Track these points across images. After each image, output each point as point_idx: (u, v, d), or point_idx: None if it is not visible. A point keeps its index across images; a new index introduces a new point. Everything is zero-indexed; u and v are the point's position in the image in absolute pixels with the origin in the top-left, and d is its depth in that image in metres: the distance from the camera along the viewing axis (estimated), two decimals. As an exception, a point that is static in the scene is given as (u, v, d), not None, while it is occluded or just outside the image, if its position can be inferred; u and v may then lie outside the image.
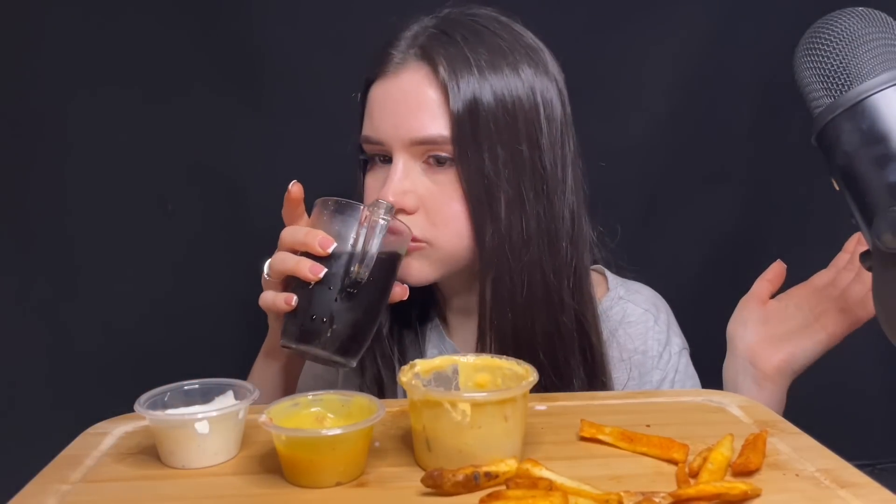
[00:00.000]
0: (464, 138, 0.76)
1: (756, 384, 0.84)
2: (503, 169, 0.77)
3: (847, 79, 0.58)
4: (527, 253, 0.78)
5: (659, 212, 1.24)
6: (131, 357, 1.14)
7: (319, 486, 0.53)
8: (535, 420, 0.64)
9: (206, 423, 0.56)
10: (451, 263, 0.81)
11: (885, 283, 0.59)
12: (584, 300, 0.83)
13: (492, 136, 0.77)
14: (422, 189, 0.79)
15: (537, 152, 0.79)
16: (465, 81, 0.77)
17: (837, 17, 0.60)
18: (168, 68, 1.12)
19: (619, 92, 1.19)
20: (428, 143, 0.78)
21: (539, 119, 0.79)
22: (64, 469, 0.56)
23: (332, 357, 0.68)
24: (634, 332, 0.89)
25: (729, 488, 0.50)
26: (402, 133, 0.78)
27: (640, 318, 0.89)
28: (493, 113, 0.77)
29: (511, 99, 0.78)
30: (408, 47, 0.80)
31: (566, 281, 0.81)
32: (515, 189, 0.78)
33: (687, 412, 0.68)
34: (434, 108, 0.77)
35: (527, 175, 0.78)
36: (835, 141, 0.59)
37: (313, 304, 0.67)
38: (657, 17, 1.19)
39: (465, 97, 0.76)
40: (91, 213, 1.13)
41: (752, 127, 1.22)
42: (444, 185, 0.78)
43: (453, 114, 0.76)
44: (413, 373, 0.60)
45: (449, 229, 0.79)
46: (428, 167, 0.79)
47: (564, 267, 0.80)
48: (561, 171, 0.81)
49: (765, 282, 0.88)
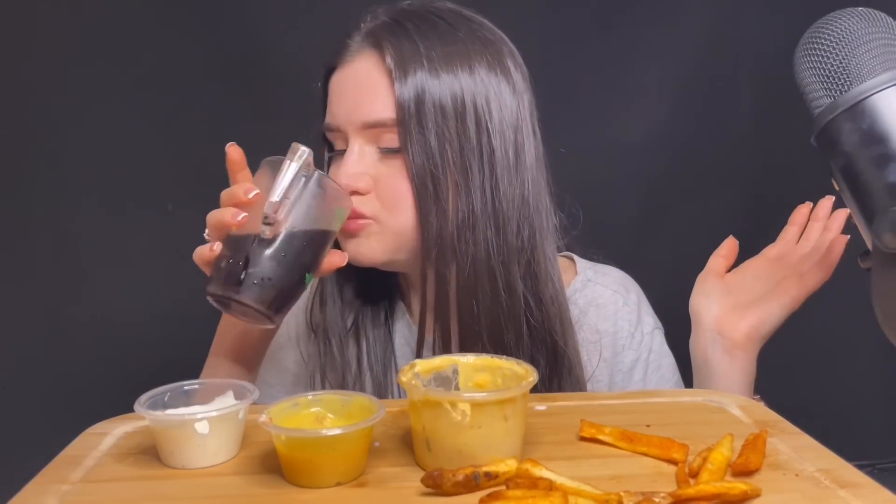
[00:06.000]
0: (408, 122, 0.78)
1: (727, 354, 0.85)
2: (449, 152, 0.79)
3: (847, 79, 0.58)
4: (471, 236, 0.80)
5: (659, 212, 1.24)
6: (131, 357, 1.14)
7: (319, 486, 0.53)
8: (535, 420, 0.64)
9: (206, 423, 0.56)
10: (400, 243, 0.82)
11: (885, 283, 0.59)
12: (541, 284, 0.83)
13: (437, 121, 0.79)
14: (374, 171, 0.81)
15: (486, 137, 0.80)
16: (410, 67, 0.79)
17: (837, 17, 0.60)
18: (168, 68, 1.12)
19: (619, 92, 1.20)
20: (378, 126, 0.79)
21: (489, 106, 0.81)
22: (64, 469, 0.56)
23: (251, 305, 0.65)
24: (604, 313, 0.90)
25: (729, 488, 0.50)
26: (354, 117, 0.80)
27: (610, 299, 0.90)
28: (438, 99, 0.79)
29: (459, 87, 0.79)
30: (362, 37, 0.82)
31: (516, 265, 0.82)
32: (462, 173, 0.80)
33: (687, 412, 0.68)
34: (382, 92, 0.79)
35: (474, 159, 0.80)
36: (835, 141, 0.59)
37: (231, 248, 0.67)
38: (657, 17, 1.19)
39: (410, 83, 0.78)
40: (91, 213, 1.13)
41: (753, 127, 1.22)
42: (395, 168, 0.80)
43: (398, 98, 0.78)
44: (413, 373, 0.60)
45: (396, 208, 0.81)
46: (381, 152, 0.81)
47: (514, 251, 0.82)
48: (514, 155, 0.82)
49: (720, 258, 0.90)
